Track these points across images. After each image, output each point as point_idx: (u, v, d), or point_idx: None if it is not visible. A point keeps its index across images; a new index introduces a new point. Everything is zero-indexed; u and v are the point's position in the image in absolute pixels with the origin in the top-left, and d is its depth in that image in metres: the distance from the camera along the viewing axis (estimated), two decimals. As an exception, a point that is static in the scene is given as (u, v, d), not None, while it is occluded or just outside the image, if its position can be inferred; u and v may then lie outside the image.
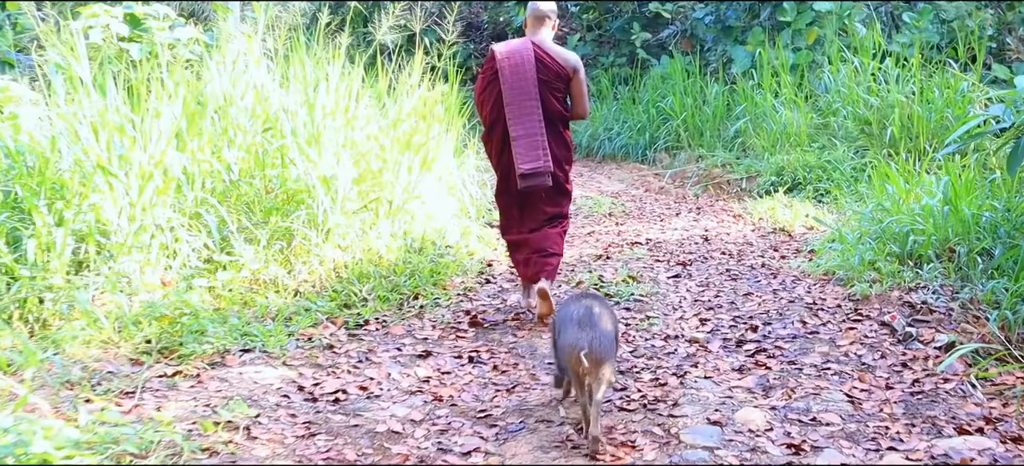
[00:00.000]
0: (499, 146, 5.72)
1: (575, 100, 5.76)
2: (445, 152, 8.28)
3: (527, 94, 5.52)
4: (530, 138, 5.52)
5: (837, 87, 11.77)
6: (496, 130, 5.69)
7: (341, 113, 7.13)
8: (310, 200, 6.42)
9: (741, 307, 5.98)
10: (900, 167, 9.83)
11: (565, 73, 5.64)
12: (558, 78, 5.62)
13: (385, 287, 6.10)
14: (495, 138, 5.73)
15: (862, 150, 10.82)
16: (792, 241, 8.20)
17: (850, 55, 11.86)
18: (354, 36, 8.73)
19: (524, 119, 5.53)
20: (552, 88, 5.61)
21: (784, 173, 10.54)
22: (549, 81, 5.59)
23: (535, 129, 5.53)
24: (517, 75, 5.53)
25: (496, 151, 5.77)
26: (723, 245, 8.03)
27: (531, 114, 5.53)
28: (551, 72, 5.60)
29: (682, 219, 9.32)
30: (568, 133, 5.84)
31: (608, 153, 14.42)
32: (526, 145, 5.52)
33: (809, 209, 9.12)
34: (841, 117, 11.33)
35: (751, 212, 9.44)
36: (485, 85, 5.72)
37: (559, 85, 5.64)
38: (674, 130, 13.64)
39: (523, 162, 5.52)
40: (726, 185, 11.25)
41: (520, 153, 5.53)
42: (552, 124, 5.64)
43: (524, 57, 5.57)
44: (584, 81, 5.75)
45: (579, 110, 5.79)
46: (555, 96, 5.63)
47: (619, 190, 11.76)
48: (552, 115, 5.63)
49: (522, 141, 5.53)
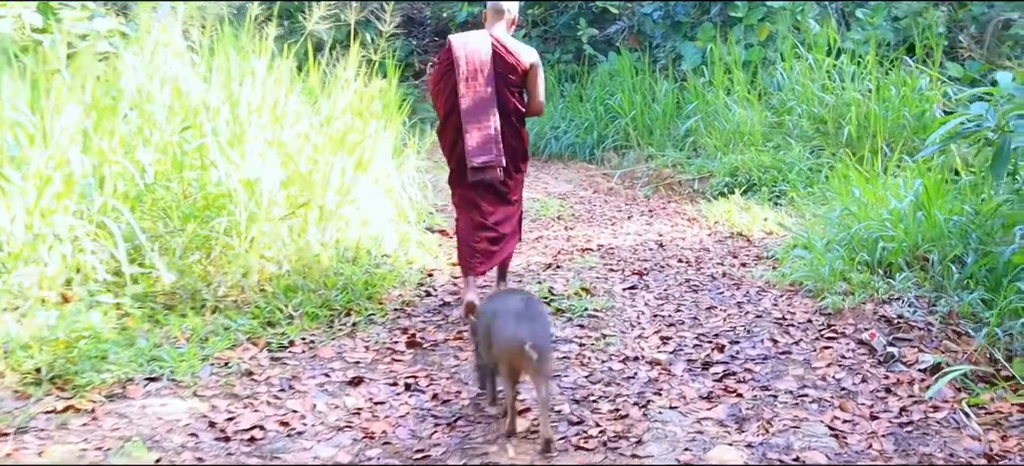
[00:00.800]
0: (452, 137, 5.62)
1: (531, 95, 5.68)
2: (383, 152, 7.67)
3: (482, 87, 5.47)
4: (483, 132, 5.47)
5: (791, 85, 11.37)
6: (450, 121, 5.60)
7: (268, 110, 6.50)
8: (232, 205, 5.80)
9: (705, 323, 5.47)
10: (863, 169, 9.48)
11: (522, 67, 5.57)
12: (514, 72, 5.55)
13: (314, 302, 5.50)
14: (449, 129, 5.64)
15: (818, 150, 10.42)
16: (751, 246, 7.73)
17: (804, 52, 11.45)
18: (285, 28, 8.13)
19: (478, 112, 5.47)
20: (508, 82, 5.55)
21: (738, 174, 10.09)
22: (505, 75, 5.53)
23: (489, 122, 5.47)
24: (472, 67, 5.47)
25: (449, 142, 5.66)
26: (679, 251, 7.53)
27: (485, 107, 5.48)
28: (508, 66, 5.53)
29: (634, 223, 8.81)
30: (523, 128, 5.78)
31: (555, 152, 13.87)
32: (479, 139, 5.47)
33: (768, 212, 8.67)
34: (796, 116, 10.92)
35: (706, 215, 8.96)
36: (440, 76, 5.62)
37: (515, 79, 5.58)
38: (623, 129, 13.14)
39: (474, 156, 5.47)
40: (678, 186, 10.78)
41: (472, 146, 5.47)
42: (507, 118, 5.57)
43: (481, 49, 5.49)
44: (541, 76, 5.68)
45: (535, 105, 5.71)
46: (511, 90, 5.57)
47: (567, 191, 11.23)
48: (508, 109, 5.57)
49: (475, 134, 5.47)
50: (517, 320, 3.74)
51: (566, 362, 4.81)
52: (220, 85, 6.45)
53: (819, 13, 12.66)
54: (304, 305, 5.44)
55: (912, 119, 10.14)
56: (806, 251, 6.61)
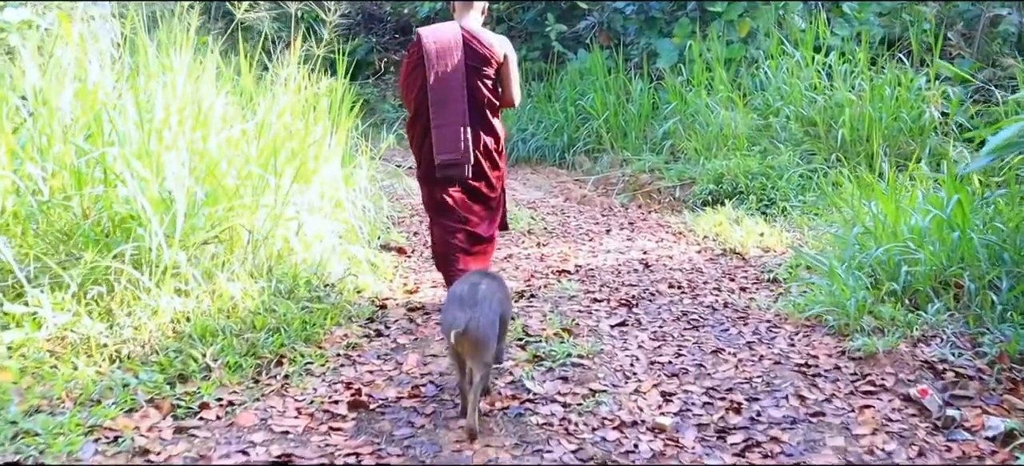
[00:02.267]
0: (421, 134, 5.36)
1: (505, 87, 5.42)
2: (330, 160, 6.63)
3: (453, 80, 5.19)
4: (451, 127, 5.20)
5: (776, 84, 10.44)
6: (420, 117, 5.32)
7: (190, 114, 5.44)
8: (142, 229, 4.74)
9: (713, 372, 4.46)
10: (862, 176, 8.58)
11: (496, 59, 5.28)
12: (487, 64, 5.26)
13: (238, 348, 4.45)
14: (418, 126, 5.36)
15: (808, 154, 9.51)
16: (747, 266, 6.77)
17: (791, 49, 10.52)
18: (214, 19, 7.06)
19: (448, 107, 5.19)
20: (481, 75, 5.27)
21: (723, 181, 9.14)
22: (478, 67, 5.24)
23: (458, 118, 5.20)
24: (444, 60, 5.18)
25: (418, 139, 5.40)
26: (668, 273, 6.54)
27: (456, 102, 5.20)
28: (480, 58, 5.24)
29: (614, 238, 7.81)
30: (499, 122, 5.49)
31: (522, 156, 12.86)
32: (447, 134, 5.20)
33: (762, 226, 7.71)
34: (783, 117, 9.99)
35: (693, 229, 7.99)
36: (410, 70, 5.34)
37: (489, 72, 5.30)
38: (595, 131, 12.14)
39: (440, 152, 5.22)
40: (657, 194, 9.81)
41: (439, 141, 5.21)
42: (480, 112, 5.32)
43: (452, 42, 5.21)
44: (515, 68, 5.41)
45: (509, 98, 5.44)
46: (484, 83, 5.29)
47: (537, 199, 10.22)
48: (481, 103, 5.30)
49: (443, 130, 5.20)
50: (459, 305, 3.70)
51: (549, 430, 3.80)
52: (133, 85, 5.38)
53: (804, 8, 11.74)
54: (225, 353, 4.39)
55: (910, 122, 9.26)
56: (814, 275, 5.65)
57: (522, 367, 4.42)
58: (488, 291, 3.85)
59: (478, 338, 3.64)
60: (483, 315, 3.69)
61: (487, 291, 3.84)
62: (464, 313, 3.65)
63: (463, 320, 3.61)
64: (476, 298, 3.75)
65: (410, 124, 5.45)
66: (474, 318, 3.64)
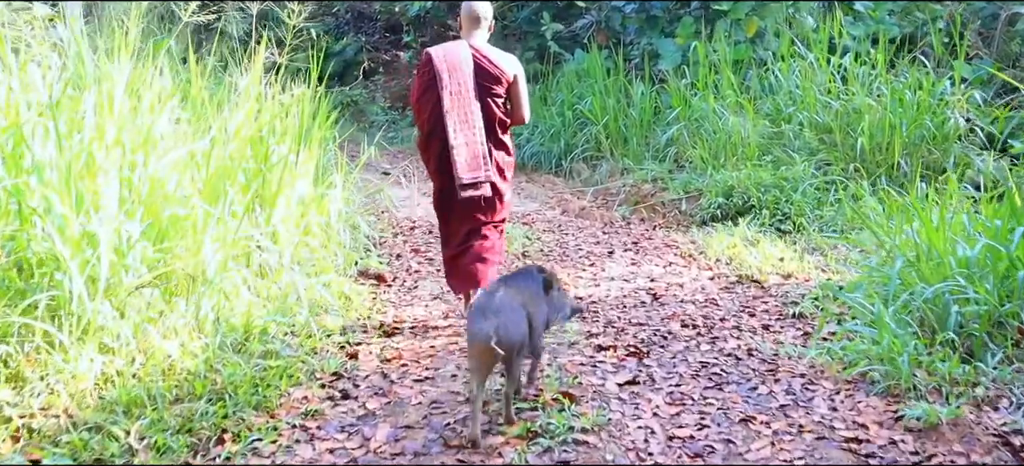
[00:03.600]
0: (438, 154, 5.20)
1: (515, 105, 5.34)
2: (298, 181, 5.82)
3: (466, 100, 5.10)
4: (470, 147, 5.12)
5: (788, 88, 9.63)
6: (434, 138, 5.19)
7: (129, 133, 4.61)
8: (62, 274, 3.92)
9: (744, 450, 3.62)
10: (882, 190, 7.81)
11: (505, 77, 5.21)
12: (498, 83, 5.19)
13: (170, 423, 3.63)
14: (433, 146, 5.22)
15: (824, 164, 8.70)
16: (767, 296, 5.97)
17: (805, 50, 9.71)
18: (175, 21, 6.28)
19: (463, 127, 5.11)
20: (492, 93, 5.19)
21: (733, 194, 8.33)
22: (489, 86, 5.17)
23: (475, 137, 5.13)
24: (455, 80, 5.10)
25: (434, 159, 5.24)
26: (681, 307, 5.73)
27: (470, 121, 5.12)
28: (491, 77, 5.16)
29: (617, 261, 6.99)
30: (508, 138, 5.41)
31: (517, 162, 12.01)
32: (466, 154, 5.10)
33: (782, 249, 6.89)
34: (796, 124, 9.18)
35: (704, 250, 7.17)
36: (422, 90, 5.20)
37: (499, 90, 5.21)
38: (594, 137, 11.31)
39: (463, 172, 5.10)
40: (661, 207, 9.00)
41: (460, 162, 5.09)
42: (492, 131, 5.23)
43: (462, 61, 5.13)
44: (524, 86, 5.32)
45: (518, 115, 5.37)
46: (495, 101, 5.21)
47: (532, 211, 9.42)
48: (492, 121, 5.21)
49: (462, 150, 5.10)
50: (483, 315, 3.63)
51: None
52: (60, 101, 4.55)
53: (816, 7, 10.92)
54: (153, 429, 3.57)
55: (935, 130, 8.47)
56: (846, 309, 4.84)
57: (514, 446, 3.60)
58: (506, 296, 3.78)
59: (508, 345, 3.58)
60: (509, 321, 3.64)
61: (505, 297, 3.78)
62: (489, 322, 3.57)
63: (490, 328, 3.53)
64: (497, 306, 3.69)
65: (424, 143, 5.29)
66: (501, 325, 3.57)
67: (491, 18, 5.39)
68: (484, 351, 3.53)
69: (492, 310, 3.66)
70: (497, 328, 3.54)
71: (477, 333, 3.57)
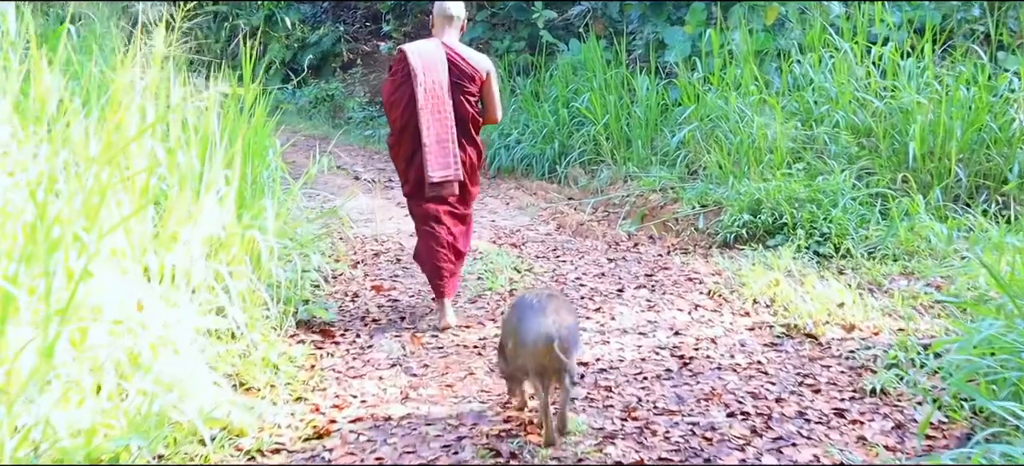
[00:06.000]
0: (409, 152, 5.13)
1: (487, 105, 5.30)
2: (218, 206, 4.28)
3: (440, 98, 5.06)
4: (441, 145, 5.07)
5: (819, 83, 8.10)
6: (406, 134, 5.09)
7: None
8: None
9: None
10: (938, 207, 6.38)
11: (478, 76, 5.17)
12: (471, 81, 5.15)
13: None
14: (405, 143, 5.13)
15: (866, 174, 7.20)
16: (827, 356, 4.48)
17: (839, 40, 8.18)
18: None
19: (436, 124, 5.06)
20: (465, 91, 5.14)
21: (761, 209, 6.82)
22: (462, 85, 5.12)
23: (446, 135, 5.07)
24: (430, 77, 5.04)
25: (405, 157, 5.16)
26: (719, 379, 4.20)
27: (443, 119, 5.07)
28: (464, 75, 5.13)
29: (629, 303, 5.43)
30: (479, 139, 5.34)
31: (506, 166, 10.48)
32: (437, 152, 5.06)
33: (835, 289, 5.35)
34: (830, 125, 7.66)
35: (736, 287, 5.64)
36: (396, 87, 5.11)
37: (472, 89, 5.17)
38: (592, 138, 9.73)
39: (433, 169, 5.05)
40: (674, 224, 7.46)
41: (430, 160, 5.04)
42: (465, 129, 5.17)
43: (436, 59, 5.08)
44: (496, 84, 5.30)
45: (491, 115, 5.35)
46: (467, 100, 5.15)
47: (521, 227, 7.88)
48: (465, 120, 5.16)
49: (433, 147, 5.05)
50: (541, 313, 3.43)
51: None
52: None
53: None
54: None
55: (998, 132, 6.98)
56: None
57: None
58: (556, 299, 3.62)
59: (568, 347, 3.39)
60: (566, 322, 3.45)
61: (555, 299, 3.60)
62: (549, 320, 3.39)
63: (552, 328, 3.36)
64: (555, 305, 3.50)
65: (396, 141, 5.20)
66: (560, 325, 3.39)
67: (464, 17, 5.33)
68: (545, 353, 3.33)
69: (551, 309, 3.45)
70: (558, 329, 3.36)
71: (538, 333, 3.36)
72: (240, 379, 3.96)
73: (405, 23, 15.04)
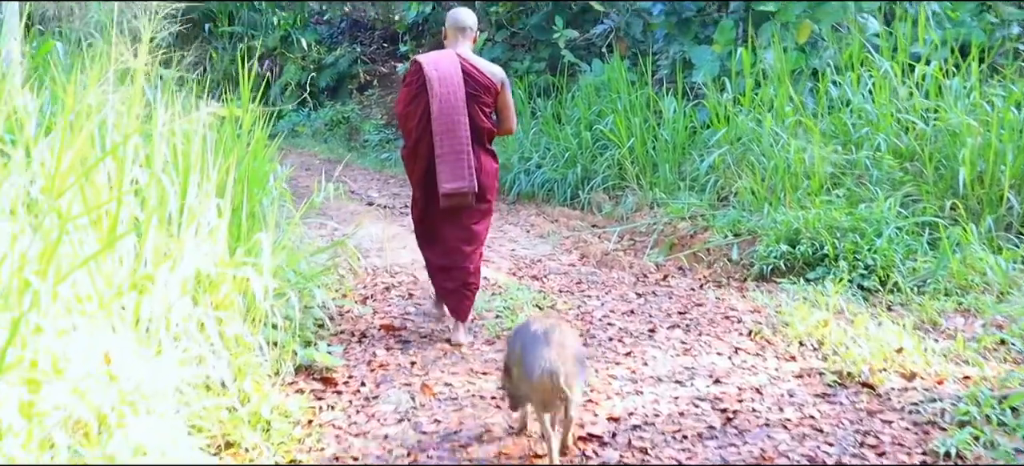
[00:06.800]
0: (424, 163, 5.02)
1: (502, 115, 5.23)
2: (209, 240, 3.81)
3: (455, 109, 4.92)
4: (456, 155, 4.93)
5: (858, 103, 7.58)
6: (421, 146, 5.00)
7: None
8: None
9: None
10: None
11: (493, 87, 5.07)
12: (487, 92, 5.05)
13: None
14: (420, 155, 5.02)
15: (911, 200, 6.67)
16: (887, 410, 3.96)
17: (879, 58, 7.66)
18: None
19: (451, 135, 4.92)
20: (480, 102, 5.03)
21: (800, 239, 6.30)
22: (477, 95, 5.01)
23: (461, 146, 4.94)
24: (445, 88, 4.92)
25: (420, 169, 5.05)
26: (768, 438, 3.68)
27: (458, 130, 4.94)
28: (479, 86, 5.01)
29: (662, 346, 4.89)
30: (493, 151, 5.22)
31: (525, 191, 9.98)
32: (452, 162, 4.93)
33: (892, 329, 4.81)
34: (871, 149, 7.13)
35: (779, 327, 5.11)
36: (411, 98, 5.02)
37: (487, 99, 5.07)
38: (616, 161, 9.23)
39: (447, 181, 4.92)
40: (705, 254, 6.95)
41: (444, 171, 4.93)
42: (479, 140, 5.06)
43: (451, 70, 4.97)
44: (511, 95, 5.20)
45: (507, 125, 5.28)
46: (483, 111, 5.06)
47: (543, 256, 7.39)
48: (480, 131, 5.05)
49: (448, 158, 4.93)
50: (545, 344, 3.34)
51: None
52: None
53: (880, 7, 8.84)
54: None
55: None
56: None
57: None
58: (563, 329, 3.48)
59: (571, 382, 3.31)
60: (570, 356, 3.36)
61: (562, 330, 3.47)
62: (553, 353, 3.31)
63: (557, 363, 3.28)
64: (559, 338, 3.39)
65: (410, 153, 5.11)
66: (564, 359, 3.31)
67: (476, 29, 5.25)
68: (549, 388, 3.29)
69: (556, 341, 3.37)
70: (564, 362, 3.30)
71: (543, 367, 3.30)
72: (227, 438, 3.47)
73: (423, 44, 14.61)
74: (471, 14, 5.26)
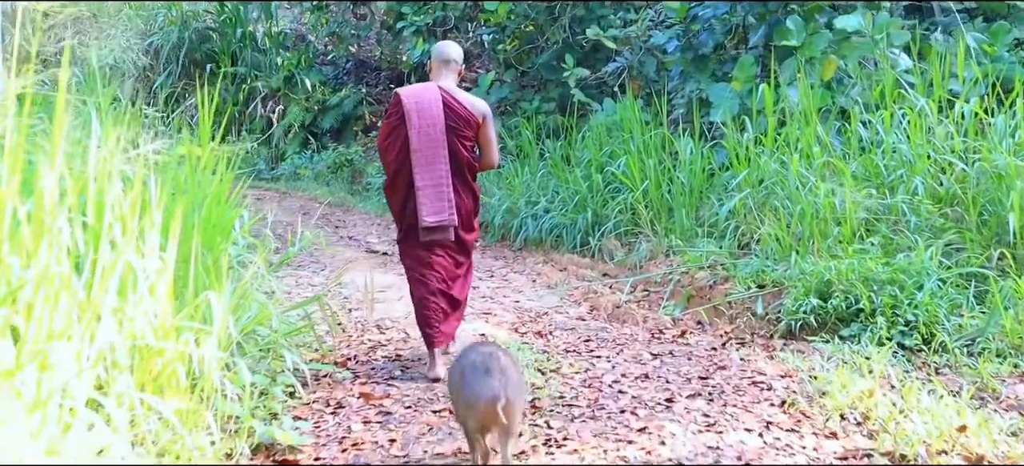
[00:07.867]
0: (403, 196, 5.00)
1: (484, 149, 5.16)
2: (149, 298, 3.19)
3: (434, 141, 4.91)
4: (436, 188, 4.91)
5: (893, 143, 6.93)
6: (400, 178, 4.99)
7: None
8: None
9: None
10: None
11: (474, 120, 5.02)
12: (467, 125, 5.00)
13: None
14: (399, 187, 5.02)
15: (953, 249, 6.02)
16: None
17: (914, 95, 7.02)
18: None
19: (430, 168, 4.90)
20: (460, 135, 4.99)
21: (832, 291, 5.64)
22: (457, 128, 4.98)
23: (441, 179, 4.92)
24: (425, 120, 4.91)
25: (400, 201, 5.03)
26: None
27: (438, 163, 4.92)
28: (460, 119, 4.97)
29: (682, 419, 4.16)
30: (475, 184, 5.17)
31: (533, 237, 9.34)
32: (432, 196, 4.90)
33: (954, 405, 4.11)
34: (907, 192, 6.48)
35: (815, 397, 4.42)
36: (390, 130, 5.03)
37: (468, 133, 5.03)
38: (629, 206, 8.59)
39: (427, 214, 4.90)
40: (727, 308, 6.29)
41: (424, 204, 4.89)
42: (460, 174, 5.02)
43: (431, 102, 4.95)
44: (493, 128, 5.15)
45: (489, 160, 5.20)
46: (463, 144, 5.01)
47: (548, 309, 6.74)
48: (460, 164, 5.01)
49: (428, 191, 4.91)
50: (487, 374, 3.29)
51: None
52: None
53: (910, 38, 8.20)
54: None
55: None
56: None
57: None
58: (506, 358, 3.44)
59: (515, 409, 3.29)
60: (514, 383, 3.32)
61: (505, 358, 3.42)
62: (497, 382, 3.26)
63: (500, 389, 3.22)
64: (501, 367, 3.33)
65: (390, 185, 5.09)
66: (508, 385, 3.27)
67: (461, 62, 5.20)
68: (490, 415, 3.21)
69: (497, 370, 3.30)
70: (506, 389, 3.23)
71: (485, 394, 3.22)
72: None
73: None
74: (457, 48, 5.23)
